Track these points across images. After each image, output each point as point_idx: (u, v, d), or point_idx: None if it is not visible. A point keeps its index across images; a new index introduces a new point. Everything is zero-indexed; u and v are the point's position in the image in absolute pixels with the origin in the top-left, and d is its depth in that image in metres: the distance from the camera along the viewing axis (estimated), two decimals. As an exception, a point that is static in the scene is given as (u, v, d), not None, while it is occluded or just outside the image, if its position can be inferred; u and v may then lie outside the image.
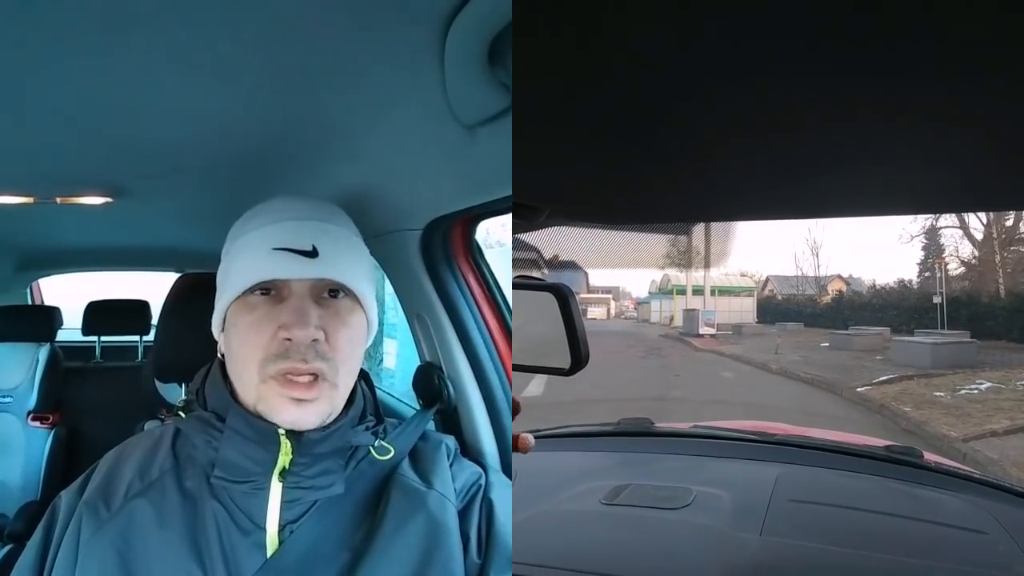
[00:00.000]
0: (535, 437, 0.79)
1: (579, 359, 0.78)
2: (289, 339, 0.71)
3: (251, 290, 0.74)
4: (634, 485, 1.36)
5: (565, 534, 1.22)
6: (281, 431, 0.72)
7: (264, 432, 0.73)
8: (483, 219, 1.16)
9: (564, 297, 0.77)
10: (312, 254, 0.73)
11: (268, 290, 0.74)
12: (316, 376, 0.71)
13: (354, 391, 0.80)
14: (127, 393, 2.15)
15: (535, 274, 0.94)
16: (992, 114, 0.47)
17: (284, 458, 0.73)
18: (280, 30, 0.63)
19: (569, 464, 1.60)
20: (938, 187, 0.69)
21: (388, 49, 0.66)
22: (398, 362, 4.85)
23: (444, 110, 0.74)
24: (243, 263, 0.75)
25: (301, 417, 0.71)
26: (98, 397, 2.44)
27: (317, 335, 0.71)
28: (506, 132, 0.72)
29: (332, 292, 0.75)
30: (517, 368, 0.88)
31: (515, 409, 0.80)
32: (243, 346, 0.73)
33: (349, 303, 0.76)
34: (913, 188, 0.69)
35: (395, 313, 4.65)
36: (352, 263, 0.76)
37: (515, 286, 0.82)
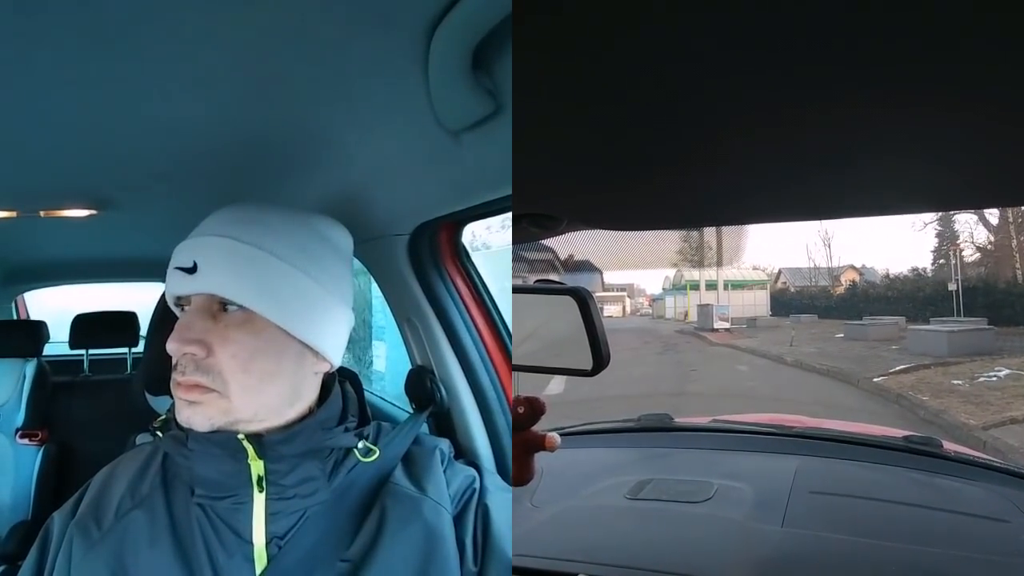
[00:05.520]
0: (559, 435, 0.82)
1: (601, 360, 0.79)
2: None
3: (175, 304, 0.79)
4: (657, 480, 1.38)
5: (593, 528, 1.24)
6: (240, 435, 0.73)
7: (224, 442, 0.73)
8: (469, 222, 1.17)
9: (584, 300, 0.79)
10: (191, 270, 0.74)
11: (182, 305, 0.77)
12: (200, 385, 0.71)
13: (330, 393, 0.80)
14: (117, 407, 2.06)
15: (553, 277, 0.96)
16: (1003, 109, 0.47)
17: (255, 464, 0.74)
18: (264, 40, 0.64)
19: (593, 460, 1.61)
20: (951, 185, 0.69)
21: (372, 57, 0.67)
22: (388, 364, 4.80)
23: (429, 116, 0.74)
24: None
25: (191, 418, 0.71)
26: (88, 411, 2.38)
27: (189, 349, 0.71)
28: (491, 137, 0.73)
29: (225, 306, 0.74)
30: (541, 370, 0.89)
31: (541, 410, 0.81)
32: None
33: (241, 316, 0.73)
34: (925, 186, 0.69)
35: (384, 316, 4.62)
36: (239, 275, 0.73)
37: (535, 290, 0.84)
